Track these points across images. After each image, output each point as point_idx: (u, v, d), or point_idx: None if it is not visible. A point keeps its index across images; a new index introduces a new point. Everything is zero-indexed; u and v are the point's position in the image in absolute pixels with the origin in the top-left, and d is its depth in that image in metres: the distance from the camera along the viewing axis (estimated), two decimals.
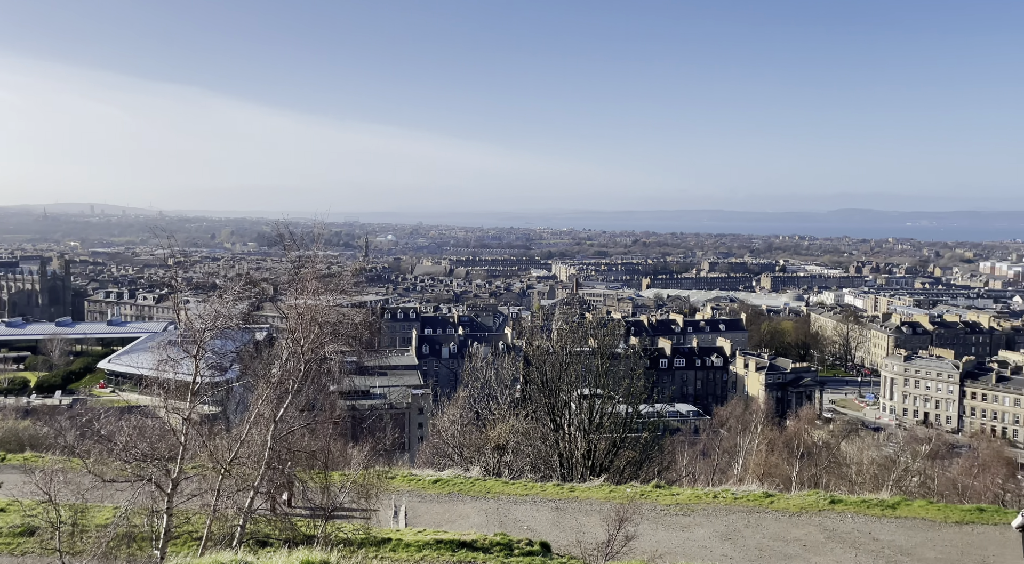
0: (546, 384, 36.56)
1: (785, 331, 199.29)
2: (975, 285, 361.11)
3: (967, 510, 24.16)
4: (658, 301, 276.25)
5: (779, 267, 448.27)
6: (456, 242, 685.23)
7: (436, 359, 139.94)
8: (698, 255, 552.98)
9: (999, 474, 55.98)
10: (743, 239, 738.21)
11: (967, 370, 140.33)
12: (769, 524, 22.41)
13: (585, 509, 23.80)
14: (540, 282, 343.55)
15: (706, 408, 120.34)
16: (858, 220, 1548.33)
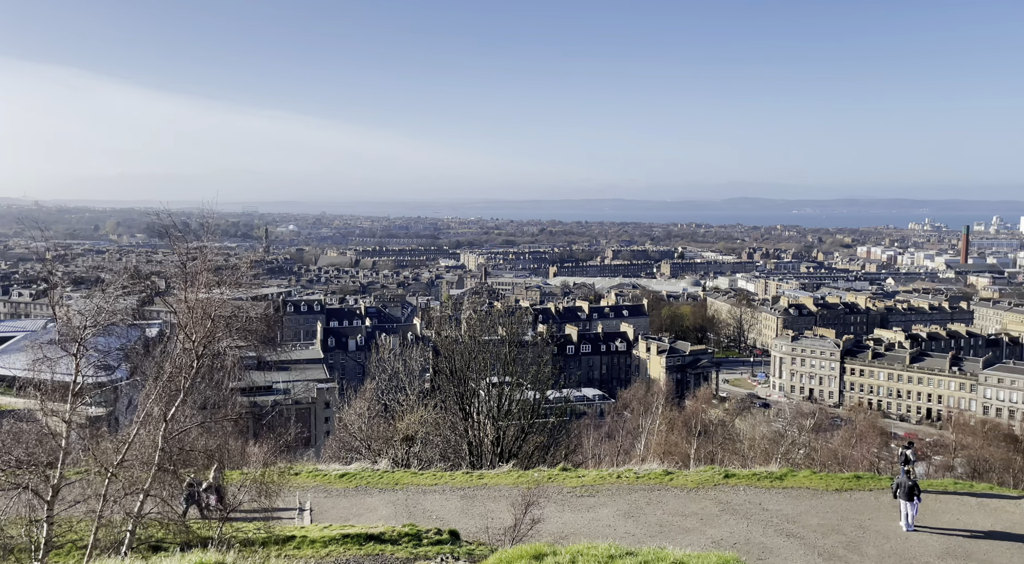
0: (455, 373, 36.58)
1: (684, 315, 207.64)
2: (853, 268, 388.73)
3: (846, 478, 26.09)
4: (565, 289, 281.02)
5: (678, 254, 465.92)
6: (362, 232, 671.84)
7: (343, 352, 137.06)
8: (602, 243, 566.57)
9: (874, 443, 60.85)
10: (644, 227, 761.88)
11: (846, 348, 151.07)
12: (669, 500, 23.41)
13: (494, 495, 24.05)
14: (449, 272, 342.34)
15: (611, 392, 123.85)
16: (749, 208, 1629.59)
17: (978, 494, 24.56)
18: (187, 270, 17.20)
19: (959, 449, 67.39)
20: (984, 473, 53.99)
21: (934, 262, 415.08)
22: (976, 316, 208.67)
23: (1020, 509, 23.11)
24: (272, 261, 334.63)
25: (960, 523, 21.59)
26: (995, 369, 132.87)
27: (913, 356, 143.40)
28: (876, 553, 19.44)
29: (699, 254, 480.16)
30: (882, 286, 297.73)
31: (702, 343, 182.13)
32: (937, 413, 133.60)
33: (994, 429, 71.15)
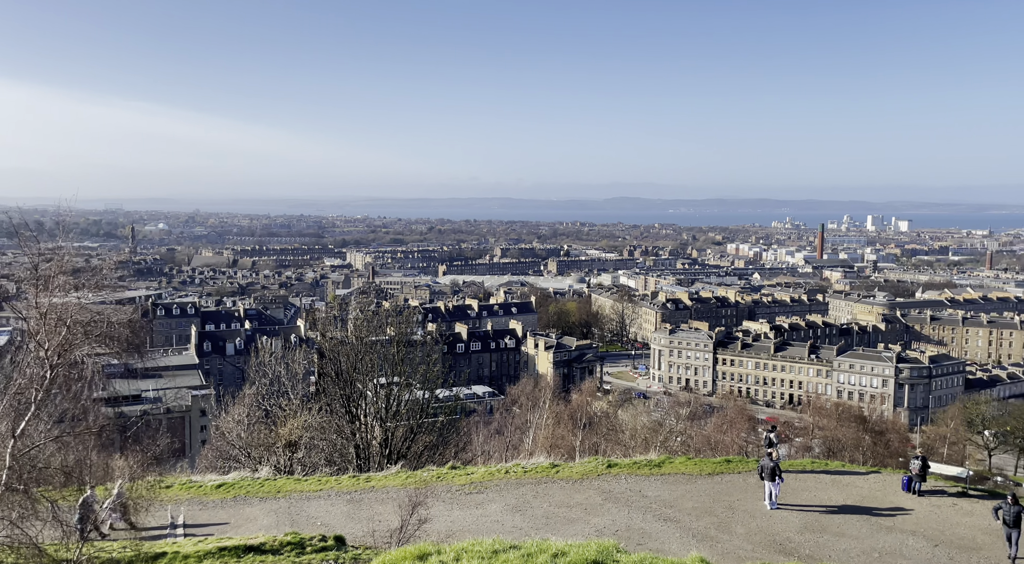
0: (341, 375, 35.69)
1: (570, 311, 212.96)
2: (724, 264, 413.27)
3: (718, 462, 27.74)
4: (454, 287, 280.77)
5: (564, 252, 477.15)
6: (240, 231, 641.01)
7: (220, 356, 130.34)
8: (491, 242, 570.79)
9: (743, 429, 65.10)
10: (531, 226, 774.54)
11: (719, 340, 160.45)
12: (555, 492, 23.99)
13: (381, 498, 23.72)
14: (335, 271, 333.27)
15: (501, 388, 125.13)
16: (630, 207, 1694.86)
17: (832, 472, 26.83)
18: (40, 272, 15.78)
19: (816, 431, 73.35)
20: (838, 452, 59.04)
21: (794, 258, 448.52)
22: (831, 307, 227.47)
23: (868, 483, 25.46)
24: (140, 262, 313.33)
25: (817, 499, 23.50)
26: (847, 356, 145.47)
27: (777, 346, 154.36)
28: (744, 531, 20.82)
29: (584, 252, 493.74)
30: (749, 281, 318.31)
31: (587, 338, 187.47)
32: (798, 398, 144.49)
33: (846, 411, 78.06)
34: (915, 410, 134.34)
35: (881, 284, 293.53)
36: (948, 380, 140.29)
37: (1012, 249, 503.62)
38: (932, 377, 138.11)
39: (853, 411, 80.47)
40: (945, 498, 24.12)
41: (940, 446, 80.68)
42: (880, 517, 22.16)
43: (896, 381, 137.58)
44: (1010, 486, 60.98)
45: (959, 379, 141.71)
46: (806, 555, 19.43)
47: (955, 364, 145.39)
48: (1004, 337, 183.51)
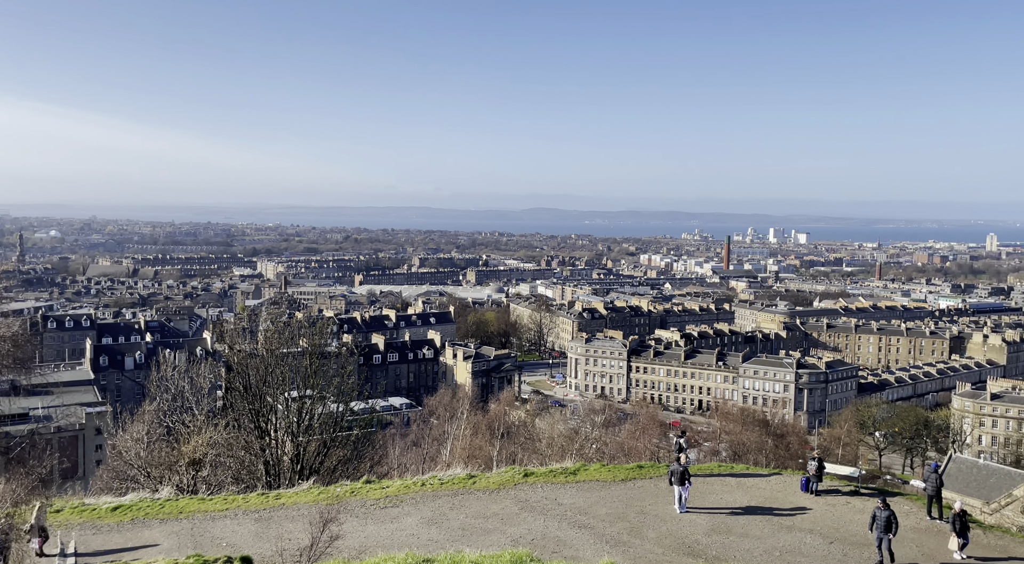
0: (250, 389, 34.41)
1: (489, 321, 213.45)
2: (637, 274, 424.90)
3: (630, 468, 28.37)
4: (371, 297, 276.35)
5: (482, 262, 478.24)
6: (142, 239, 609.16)
7: (118, 371, 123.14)
8: (409, 251, 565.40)
9: (655, 434, 67.00)
10: (450, 235, 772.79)
11: (632, 348, 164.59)
12: (472, 503, 23.90)
13: (292, 515, 22.97)
14: (244, 281, 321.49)
15: (418, 399, 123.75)
16: (547, 218, 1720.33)
17: (737, 474, 27.94)
18: None
19: (723, 435, 76.31)
20: (743, 455, 61.60)
21: (703, 268, 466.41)
22: (737, 316, 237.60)
23: (770, 485, 26.65)
24: (29, 271, 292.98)
25: (723, 501, 24.40)
26: (751, 363, 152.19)
27: (687, 353, 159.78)
28: (655, 535, 21.37)
29: (502, 262, 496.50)
30: (661, 290, 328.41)
31: (506, 347, 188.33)
32: (707, 403, 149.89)
33: (751, 416, 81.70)
34: (813, 413, 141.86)
35: (782, 294, 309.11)
36: (843, 384, 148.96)
37: (898, 261, 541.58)
38: (828, 382, 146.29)
39: (757, 415, 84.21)
40: (839, 497, 25.55)
41: (836, 447, 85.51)
42: (781, 517, 23.23)
43: (796, 386, 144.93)
44: (898, 484, 65.37)
45: (852, 383, 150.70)
46: (713, 556, 20.12)
47: (849, 369, 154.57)
48: (892, 343, 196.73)
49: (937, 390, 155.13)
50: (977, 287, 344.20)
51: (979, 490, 62.19)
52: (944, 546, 21.76)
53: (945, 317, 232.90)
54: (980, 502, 59.75)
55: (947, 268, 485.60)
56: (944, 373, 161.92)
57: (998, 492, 60.94)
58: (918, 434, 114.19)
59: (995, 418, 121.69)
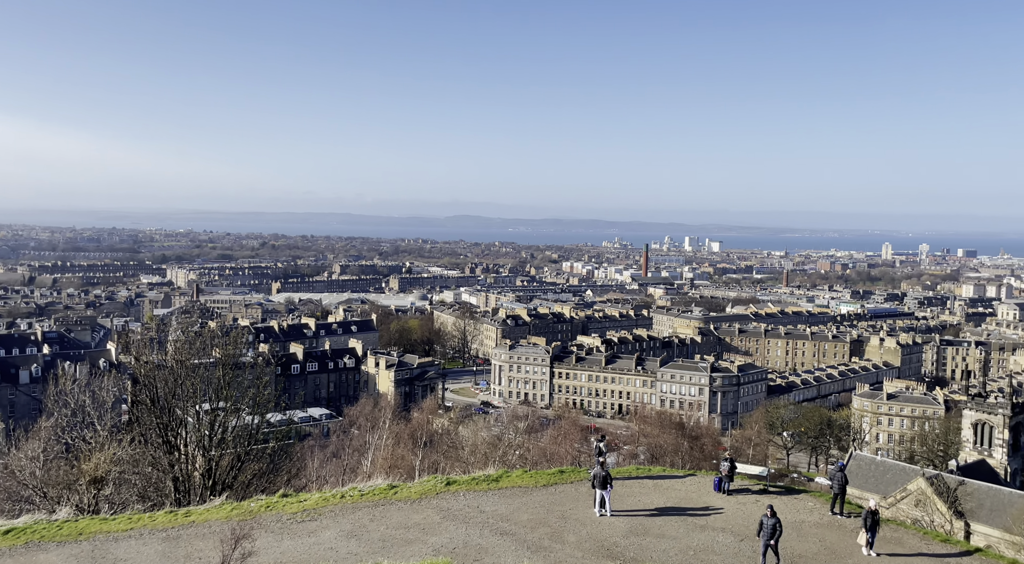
0: (158, 402, 32.92)
1: (412, 329, 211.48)
2: (560, 281, 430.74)
3: (552, 474, 28.69)
4: (290, 305, 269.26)
5: (406, 269, 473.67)
6: (39, 244, 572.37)
7: (12, 385, 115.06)
8: (329, 258, 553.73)
9: (576, 439, 68.01)
10: (372, 242, 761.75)
11: (555, 354, 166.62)
12: (393, 514, 23.60)
13: (203, 533, 22.05)
14: (153, 289, 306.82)
15: (339, 409, 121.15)
16: (471, 225, 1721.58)
17: (654, 477, 28.72)
18: None
19: (642, 438, 78.24)
20: (660, 457, 63.34)
21: (623, 276, 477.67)
22: (655, 321, 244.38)
23: (685, 486, 27.53)
24: None
25: (641, 504, 25.03)
26: (668, 367, 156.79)
27: (607, 359, 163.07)
28: (575, 539, 21.69)
29: (426, 269, 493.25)
30: (583, 297, 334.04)
31: (430, 355, 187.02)
32: (627, 408, 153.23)
33: (668, 419, 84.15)
34: (726, 415, 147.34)
35: (697, 300, 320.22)
36: (753, 387, 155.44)
37: (804, 268, 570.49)
38: (740, 385, 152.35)
39: (673, 418, 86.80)
40: (750, 496, 26.65)
41: (747, 448, 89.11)
42: (695, 517, 24.03)
43: (710, 389, 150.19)
44: (804, 482, 68.65)
45: (762, 386, 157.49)
46: (631, 558, 20.60)
47: (759, 372, 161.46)
48: (798, 347, 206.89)
49: (839, 391, 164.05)
50: (874, 293, 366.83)
51: (877, 485, 66.16)
52: (845, 540, 23.01)
53: (846, 322, 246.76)
54: (878, 497, 63.53)
55: (847, 275, 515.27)
56: (845, 375, 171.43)
57: (894, 487, 65.02)
58: (822, 433, 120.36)
59: (891, 417, 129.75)
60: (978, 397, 78.40)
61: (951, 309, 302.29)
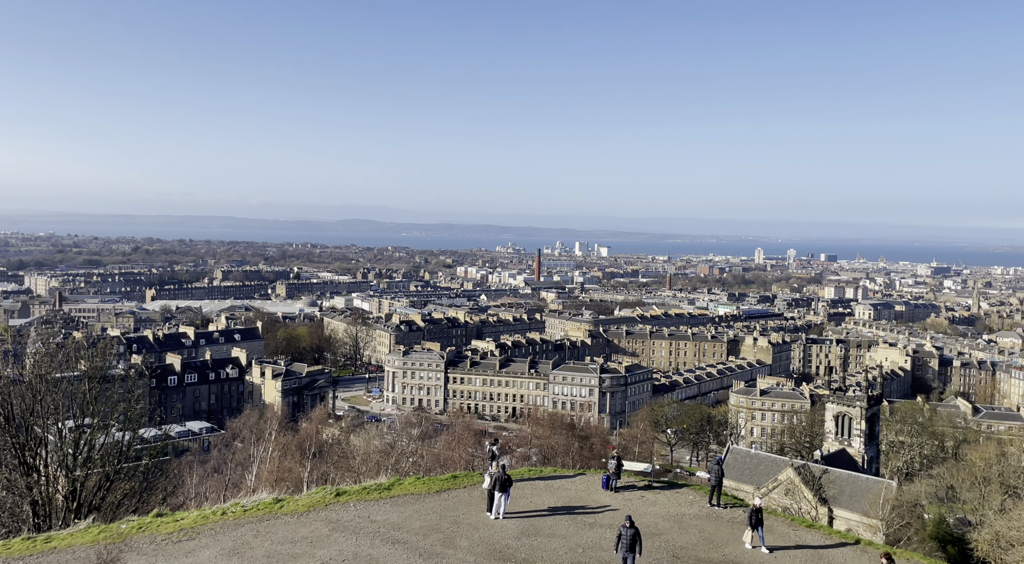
0: (13, 420, 30.29)
1: (301, 336, 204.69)
2: (454, 286, 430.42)
3: (445, 479, 28.61)
4: (166, 314, 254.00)
5: (294, 274, 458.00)
6: None
7: None
8: (210, 263, 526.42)
9: (470, 444, 68.13)
10: (257, 247, 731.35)
11: (450, 359, 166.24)
12: (279, 529, 22.75)
13: (65, 560, 20.39)
14: (8, 298, 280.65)
15: (221, 422, 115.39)
16: (363, 230, 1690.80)
17: (546, 477, 29.27)
18: None
19: (534, 440, 79.46)
20: (552, 458, 64.56)
21: (516, 280, 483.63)
22: (547, 325, 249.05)
23: (575, 485, 28.23)
24: None
25: (533, 504, 25.44)
26: (560, 369, 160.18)
27: (501, 363, 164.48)
28: (468, 544, 21.74)
29: (316, 274, 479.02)
30: (477, 302, 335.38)
31: (320, 363, 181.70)
32: (520, 410, 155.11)
33: (559, 420, 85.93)
34: (615, 415, 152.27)
35: (587, 303, 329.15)
36: (640, 387, 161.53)
37: (685, 272, 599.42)
38: (628, 385, 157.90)
39: (564, 420, 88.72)
40: (635, 492, 27.70)
41: (633, 445, 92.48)
42: (584, 515, 24.70)
43: (600, 390, 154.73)
44: (686, 476, 71.93)
45: (648, 385, 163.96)
46: (522, 559, 20.90)
47: (645, 372, 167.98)
48: (681, 347, 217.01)
49: (718, 388, 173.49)
50: (748, 295, 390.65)
51: (752, 477, 70.46)
52: (723, 530, 24.36)
53: (723, 323, 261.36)
54: (752, 487, 67.66)
55: (724, 279, 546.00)
56: (723, 373, 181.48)
57: (767, 477, 69.44)
58: (702, 429, 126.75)
59: (763, 411, 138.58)
60: (839, 391, 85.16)
61: (815, 310, 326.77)
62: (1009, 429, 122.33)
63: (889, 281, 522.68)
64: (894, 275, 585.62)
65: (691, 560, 21.66)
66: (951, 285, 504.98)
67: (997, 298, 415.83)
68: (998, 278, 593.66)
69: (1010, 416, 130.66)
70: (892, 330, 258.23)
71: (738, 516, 25.83)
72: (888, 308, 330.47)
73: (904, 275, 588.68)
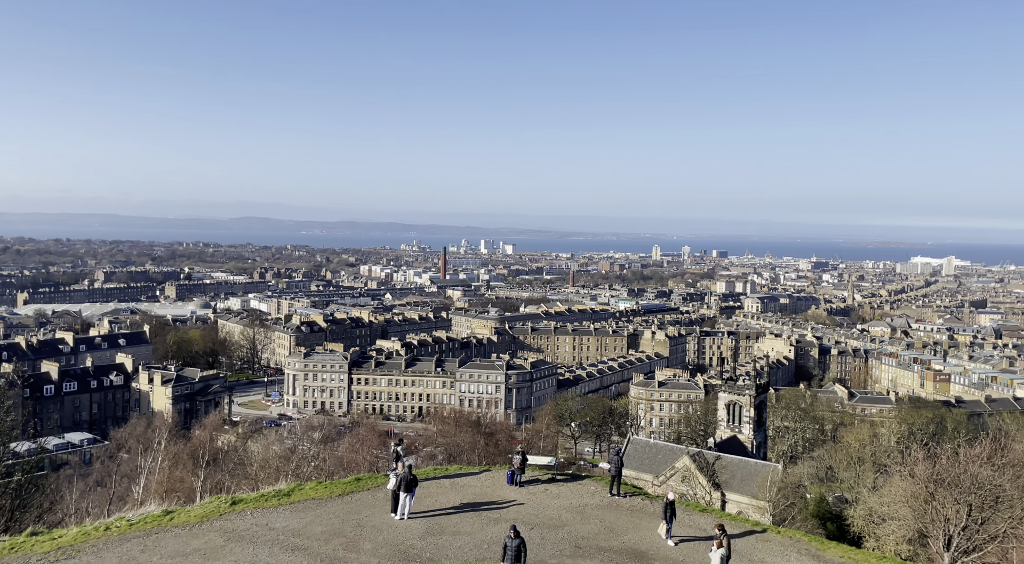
0: None
1: (193, 340, 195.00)
2: (358, 285, 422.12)
3: (348, 482, 28.07)
4: (41, 319, 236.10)
5: (185, 275, 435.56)
6: None
7: None
8: (91, 264, 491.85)
9: (375, 445, 67.10)
10: (144, 246, 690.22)
11: (353, 360, 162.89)
12: (169, 542, 21.63)
13: None
14: None
15: (104, 433, 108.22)
16: (259, 227, 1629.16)
17: (451, 475, 29.27)
18: None
19: (439, 438, 79.22)
20: (458, 456, 64.58)
21: (422, 278, 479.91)
22: (454, 323, 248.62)
23: (480, 482, 28.38)
24: None
25: (438, 503, 25.39)
26: (467, 367, 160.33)
27: (407, 362, 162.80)
28: (371, 547, 21.44)
29: (209, 274, 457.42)
30: (382, 301, 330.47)
31: (214, 368, 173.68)
32: (427, 410, 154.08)
33: (464, 418, 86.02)
34: (521, 410, 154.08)
35: (493, 301, 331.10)
36: (545, 382, 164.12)
37: (587, 269, 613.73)
38: (533, 380, 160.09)
39: (470, 417, 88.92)
40: (539, 485, 28.19)
41: (538, 440, 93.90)
42: (489, 511, 24.90)
43: (506, 387, 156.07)
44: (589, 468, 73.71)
45: (553, 380, 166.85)
46: (427, 558, 20.83)
47: (550, 368, 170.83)
48: (584, 342, 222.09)
49: (619, 381, 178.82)
50: (647, 291, 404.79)
51: (651, 466, 73.13)
52: (623, 518, 25.20)
53: (624, 318, 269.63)
54: (651, 476, 70.30)
55: (624, 275, 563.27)
56: (624, 366, 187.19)
57: (665, 466, 72.28)
58: (605, 421, 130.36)
59: (662, 402, 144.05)
60: (730, 381, 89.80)
61: (708, 304, 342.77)
62: (880, 412, 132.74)
63: (775, 275, 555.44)
64: (779, 270, 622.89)
65: (592, 549, 22.27)
66: (829, 279, 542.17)
67: (869, 290, 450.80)
68: (870, 272, 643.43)
69: (881, 400, 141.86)
70: (777, 322, 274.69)
71: (637, 504, 26.80)
72: (774, 301, 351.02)
73: (788, 270, 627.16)
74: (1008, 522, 37.10)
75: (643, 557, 22.06)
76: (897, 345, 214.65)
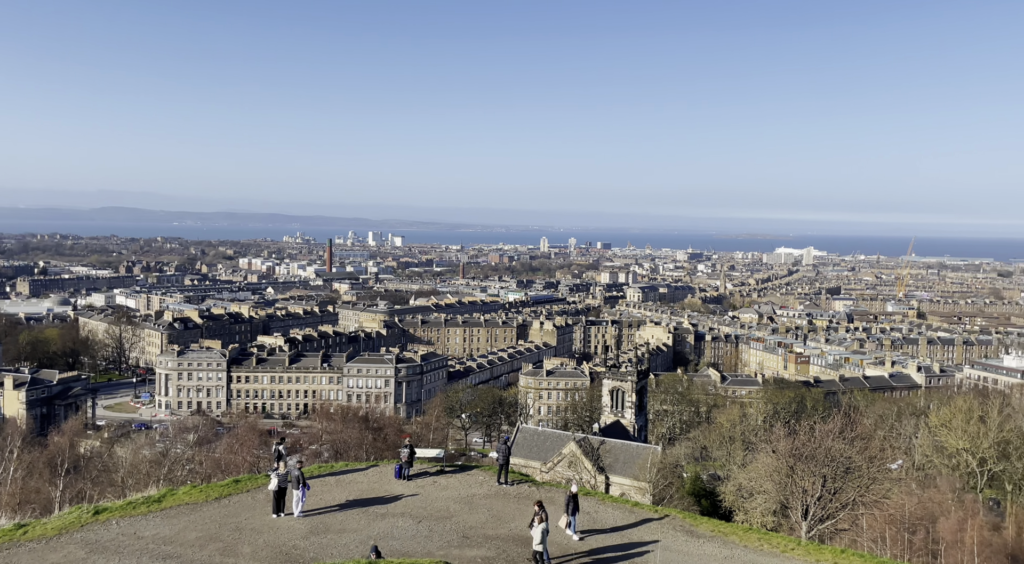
0: None
1: (50, 339, 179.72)
2: (237, 279, 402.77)
3: (226, 485, 26.82)
4: None
5: (39, 269, 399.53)
6: None
7: None
8: None
9: (255, 445, 64.38)
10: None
11: (233, 357, 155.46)
12: (22, 558, 19.90)
13: None
14: None
15: None
16: (125, 219, 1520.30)
17: (337, 473, 28.63)
18: None
19: (325, 435, 77.20)
20: (344, 452, 63.21)
21: (306, 271, 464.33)
22: (341, 317, 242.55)
23: (367, 478, 27.94)
24: None
25: (323, 501, 24.78)
26: (355, 362, 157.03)
27: (292, 358, 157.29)
28: (250, 550, 20.63)
29: (67, 269, 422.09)
30: (264, 295, 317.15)
31: (75, 368, 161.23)
32: (313, 406, 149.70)
33: (351, 413, 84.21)
34: (411, 404, 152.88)
35: (382, 294, 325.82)
36: (436, 375, 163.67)
37: (477, 261, 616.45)
38: (424, 373, 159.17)
39: (357, 413, 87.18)
40: (428, 478, 28.13)
41: (428, 433, 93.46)
42: (376, 506, 24.59)
43: (396, 380, 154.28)
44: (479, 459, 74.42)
45: (443, 373, 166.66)
46: (310, 558, 20.30)
47: (440, 360, 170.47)
48: (474, 334, 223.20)
49: (509, 371, 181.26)
50: (536, 282, 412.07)
51: (539, 453, 74.68)
52: (510, 506, 25.59)
53: (513, 309, 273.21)
54: (540, 463, 71.83)
55: (514, 266, 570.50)
56: (513, 356, 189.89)
57: (553, 453, 74.03)
58: (495, 411, 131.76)
59: (550, 391, 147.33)
60: (613, 368, 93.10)
61: (594, 294, 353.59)
62: (749, 393, 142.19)
63: (654, 266, 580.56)
64: (658, 260, 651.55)
65: (480, 538, 22.50)
66: (703, 269, 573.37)
67: (739, 280, 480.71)
68: (740, 262, 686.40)
69: (749, 382, 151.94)
70: (657, 310, 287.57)
71: (524, 492, 27.30)
72: (654, 290, 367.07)
73: (666, 260, 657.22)
74: (857, 490, 40.85)
75: (529, 543, 22.54)
76: (764, 330, 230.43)
